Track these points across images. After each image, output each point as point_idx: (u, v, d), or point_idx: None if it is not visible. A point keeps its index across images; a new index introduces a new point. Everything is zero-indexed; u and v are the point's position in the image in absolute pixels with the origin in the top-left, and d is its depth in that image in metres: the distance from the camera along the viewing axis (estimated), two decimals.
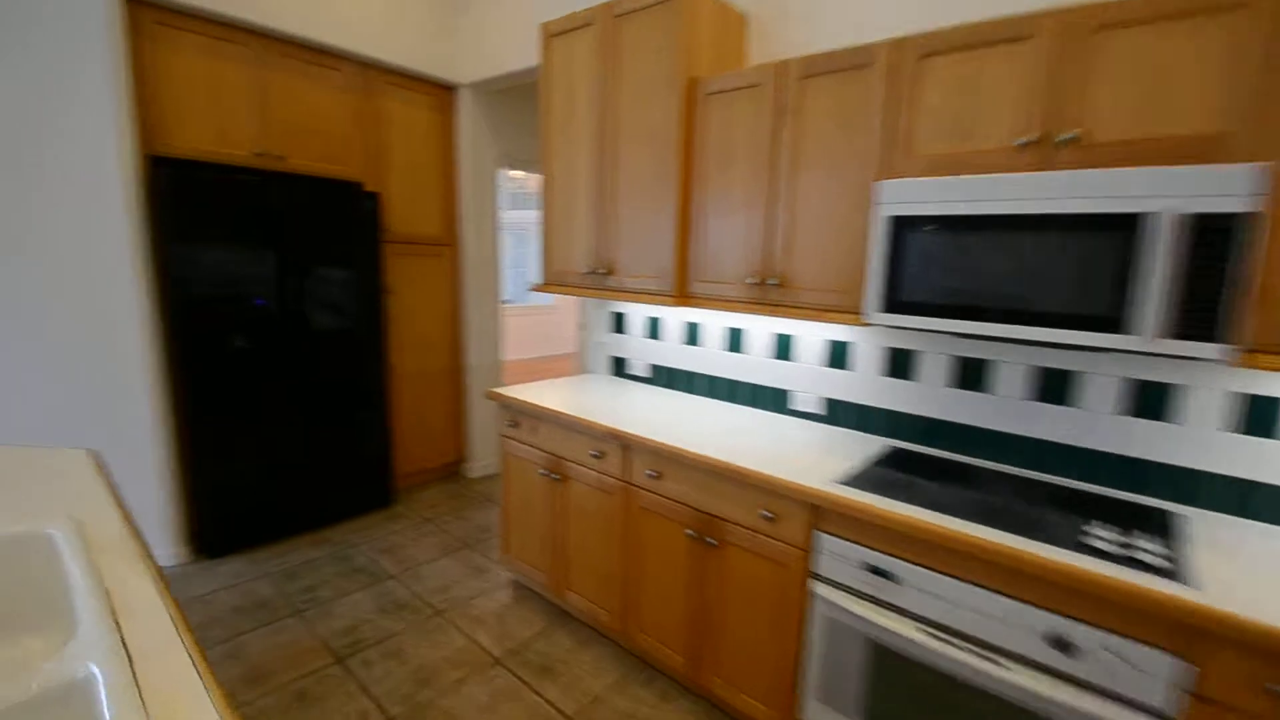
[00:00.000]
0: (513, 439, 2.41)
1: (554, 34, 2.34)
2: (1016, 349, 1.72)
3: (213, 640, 2.15)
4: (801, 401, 2.18)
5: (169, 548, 2.61)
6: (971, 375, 1.80)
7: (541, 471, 2.30)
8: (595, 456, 2.08)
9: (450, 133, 3.47)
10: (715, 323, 2.40)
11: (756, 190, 1.88)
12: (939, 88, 1.51)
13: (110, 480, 1.40)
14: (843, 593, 1.53)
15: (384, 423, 3.23)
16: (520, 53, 3.00)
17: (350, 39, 2.90)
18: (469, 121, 3.46)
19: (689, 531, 1.84)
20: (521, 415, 2.35)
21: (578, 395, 2.42)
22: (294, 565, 2.68)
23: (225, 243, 2.57)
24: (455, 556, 2.82)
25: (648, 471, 1.93)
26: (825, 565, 1.56)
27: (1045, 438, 1.69)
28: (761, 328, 2.27)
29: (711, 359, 2.43)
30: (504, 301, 8.63)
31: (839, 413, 2.10)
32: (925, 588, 1.39)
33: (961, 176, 1.44)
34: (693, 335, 2.49)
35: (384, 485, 3.28)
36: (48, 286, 2.41)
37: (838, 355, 2.08)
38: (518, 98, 3.69)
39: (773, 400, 2.26)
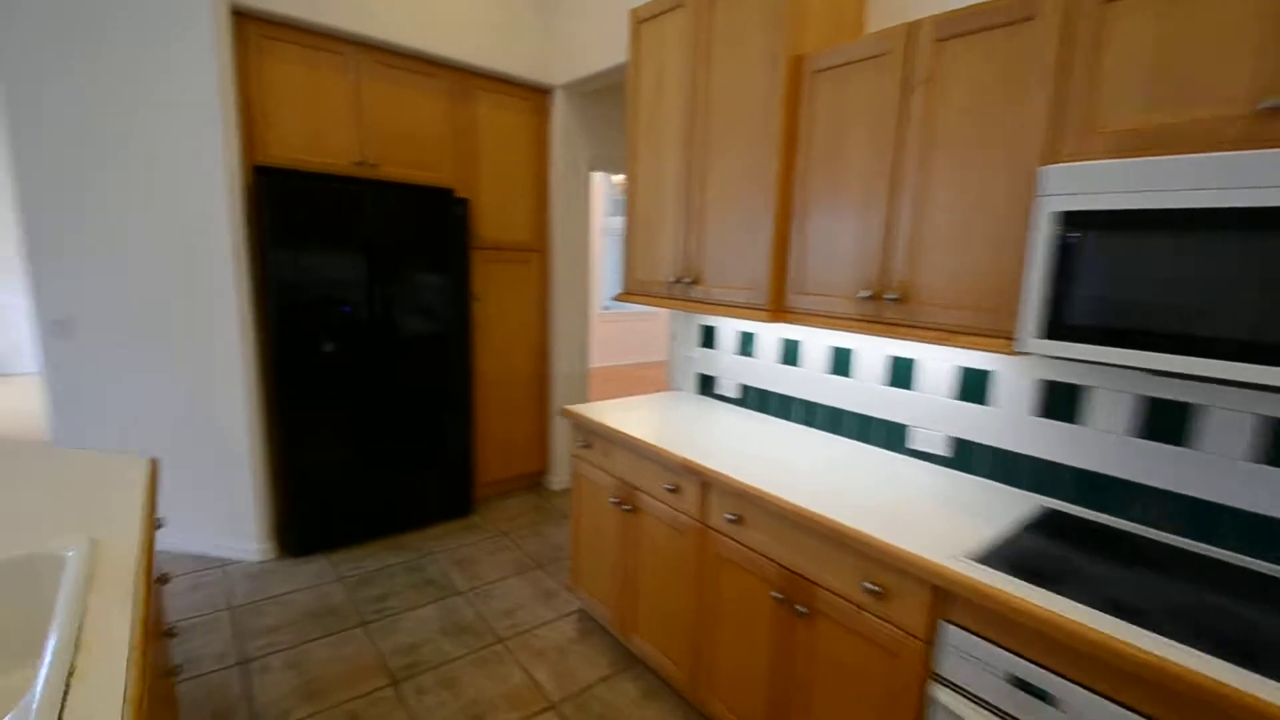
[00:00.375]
0: (584, 460, 2.22)
1: (643, 19, 2.13)
2: (1239, 393, 1.26)
3: (280, 645, 2.14)
4: (922, 440, 1.80)
5: (257, 544, 2.68)
6: (1166, 422, 1.36)
7: (612, 499, 2.08)
8: (670, 490, 1.83)
9: (543, 136, 3.38)
10: (818, 341, 2.07)
11: (874, 183, 1.55)
12: (1134, 37, 1.12)
13: (154, 494, 1.36)
14: (976, 707, 1.17)
15: (467, 430, 3.18)
16: (612, 49, 2.84)
17: (447, 45, 2.87)
18: (562, 124, 3.35)
19: (775, 594, 1.54)
20: (594, 436, 2.15)
21: (657, 416, 2.19)
22: (370, 571, 2.66)
23: (319, 249, 2.61)
24: (526, 577, 2.67)
25: (727, 515, 1.65)
26: (952, 667, 1.20)
27: None
28: (875, 349, 1.91)
29: (812, 382, 2.10)
30: (603, 308, 8.66)
31: (971, 457, 1.70)
32: None
33: (1168, 157, 1.05)
34: (791, 354, 2.17)
35: (464, 494, 3.22)
36: (157, 289, 2.55)
37: (973, 386, 1.68)
38: (611, 100, 3.54)
39: (885, 435, 1.90)
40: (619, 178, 6.41)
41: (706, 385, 2.54)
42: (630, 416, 2.16)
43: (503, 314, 3.38)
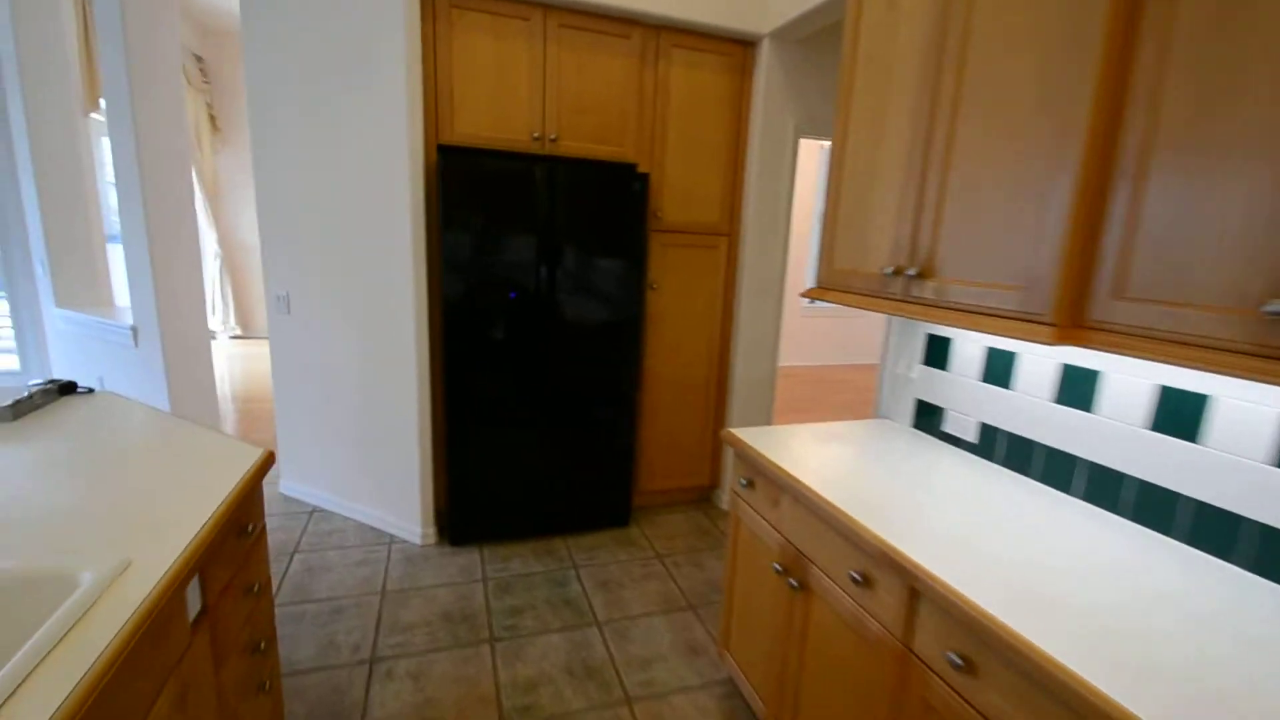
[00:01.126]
0: (745, 502, 1.72)
1: None
2: None
3: (412, 649, 2.03)
4: None
5: (421, 527, 2.68)
6: None
7: (775, 566, 1.55)
8: (857, 582, 1.25)
9: (741, 99, 2.88)
10: (1139, 377, 1.29)
11: None
12: None
13: (250, 498, 1.20)
14: None
15: (632, 433, 2.87)
16: None
17: None
18: (766, 82, 2.81)
19: None
20: (758, 474, 1.64)
21: (850, 459, 1.59)
22: (513, 575, 2.49)
23: (490, 231, 2.47)
24: (673, 618, 2.27)
25: (950, 654, 1.03)
26: None
27: None
28: (1258, 402, 1.09)
29: (1113, 439, 1.32)
30: (809, 302, 7.86)
31: None
32: None
33: None
34: (1080, 392, 1.40)
35: (623, 502, 2.93)
36: (350, 271, 2.63)
37: None
38: (827, 46, 2.89)
39: (1258, 547, 1.08)
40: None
41: (928, 417, 1.85)
42: (812, 454, 1.60)
43: (680, 306, 2.99)
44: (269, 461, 1.43)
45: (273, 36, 2.58)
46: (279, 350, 2.91)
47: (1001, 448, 1.60)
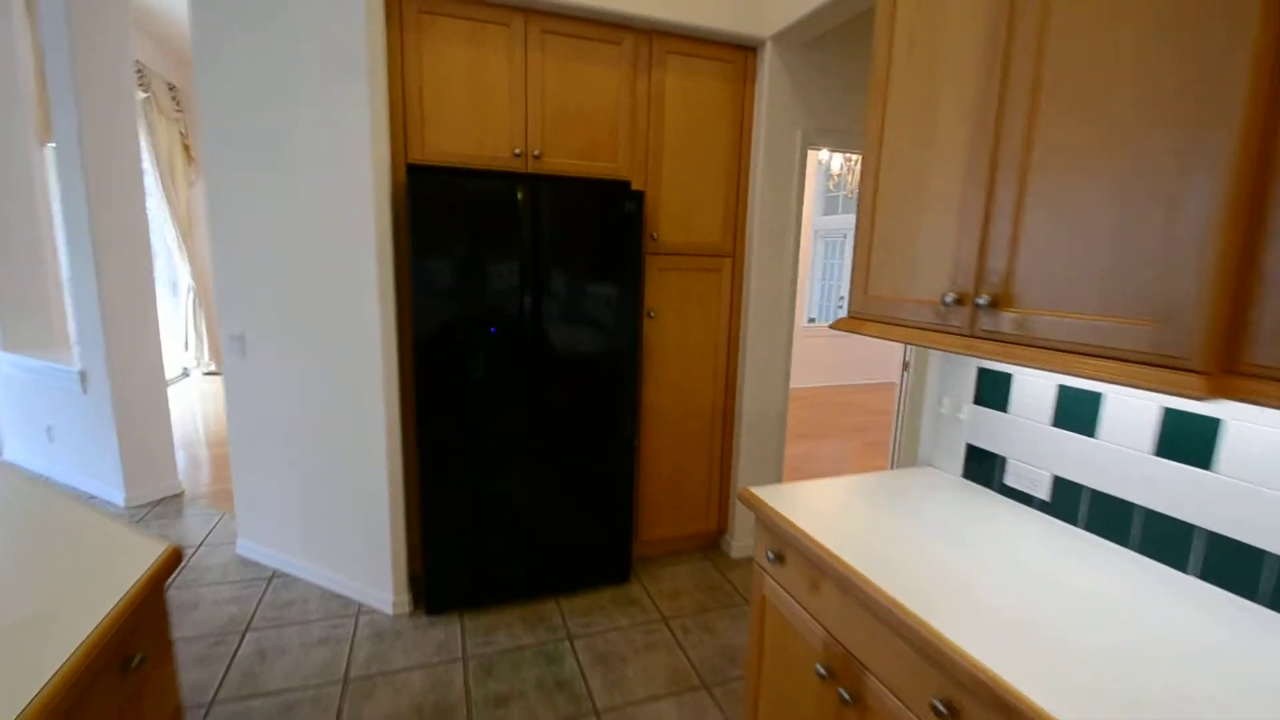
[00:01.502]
0: (773, 580, 1.42)
1: None
2: None
3: None
4: None
5: (393, 594, 2.35)
6: None
7: (819, 669, 1.24)
8: (943, 715, 0.94)
9: (743, 109, 2.63)
10: (1278, 430, 1.00)
11: None
12: None
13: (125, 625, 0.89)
14: None
15: (630, 477, 2.57)
16: None
17: (631, 1, 2.28)
18: (770, 89, 2.57)
19: None
20: (789, 547, 1.34)
21: (904, 524, 1.30)
22: (498, 651, 2.16)
23: (467, 260, 2.19)
24: (686, 702, 1.94)
25: None
26: None
27: None
28: None
29: (1242, 504, 1.03)
30: (809, 320, 7.60)
31: None
32: None
33: None
34: (1192, 445, 1.12)
35: (622, 554, 2.61)
36: (308, 307, 2.34)
37: None
38: (837, 48, 2.66)
39: None
40: (836, 162, 5.41)
41: (983, 466, 1.56)
42: (854, 520, 1.31)
43: (681, 335, 2.71)
44: (172, 562, 1.12)
45: (225, 56, 2.32)
46: (234, 395, 2.61)
47: (1085, 508, 1.31)
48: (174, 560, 1.15)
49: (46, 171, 3.85)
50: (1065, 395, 1.35)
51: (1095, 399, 1.29)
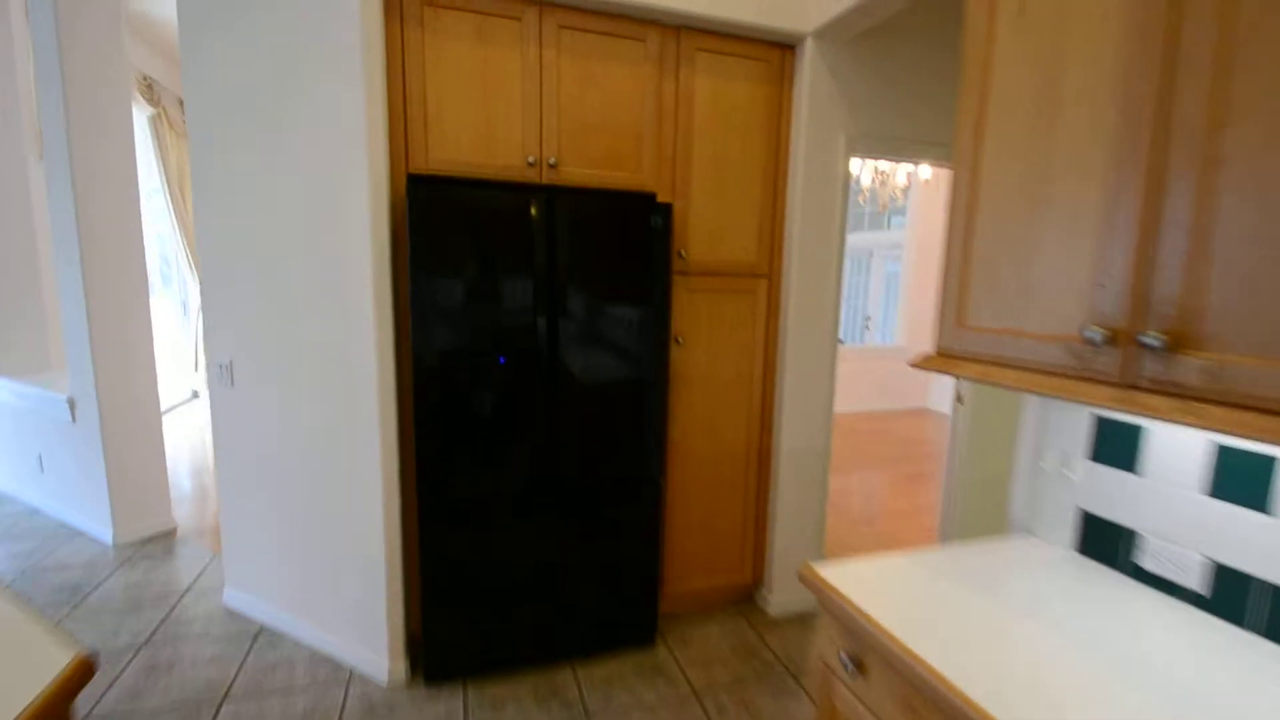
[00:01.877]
0: (849, 690, 1.11)
1: None
2: None
3: None
4: None
5: (388, 660, 2.07)
6: None
7: None
8: None
9: (780, 112, 2.37)
10: None
11: None
12: None
13: None
14: None
15: (655, 524, 2.27)
16: None
17: None
18: (810, 90, 2.31)
19: None
20: (870, 651, 1.04)
21: (1022, 621, 0.99)
22: None
23: (478, 281, 1.94)
24: None
25: None
26: None
27: None
28: None
29: None
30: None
31: None
32: None
33: None
34: None
35: (647, 613, 2.31)
36: (298, 335, 2.11)
37: None
38: (880, 46, 2.40)
39: None
40: (867, 175, 5.12)
41: (1105, 540, 1.24)
42: (961, 616, 1.00)
43: (712, 364, 2.43)
44: (80, 676, 0.86)
45: (211, 56, 2.12)
46: (222, 429, 2.38)
47: (1260, 607, 1.00)
48: (82, 674, 0.89)
49: (43, 186, 3.73)
50: (1227, 458, 1.04)
51: (1266, 464, 0.98)
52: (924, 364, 1.19)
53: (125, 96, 2.96)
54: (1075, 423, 1.31)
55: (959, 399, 2.89)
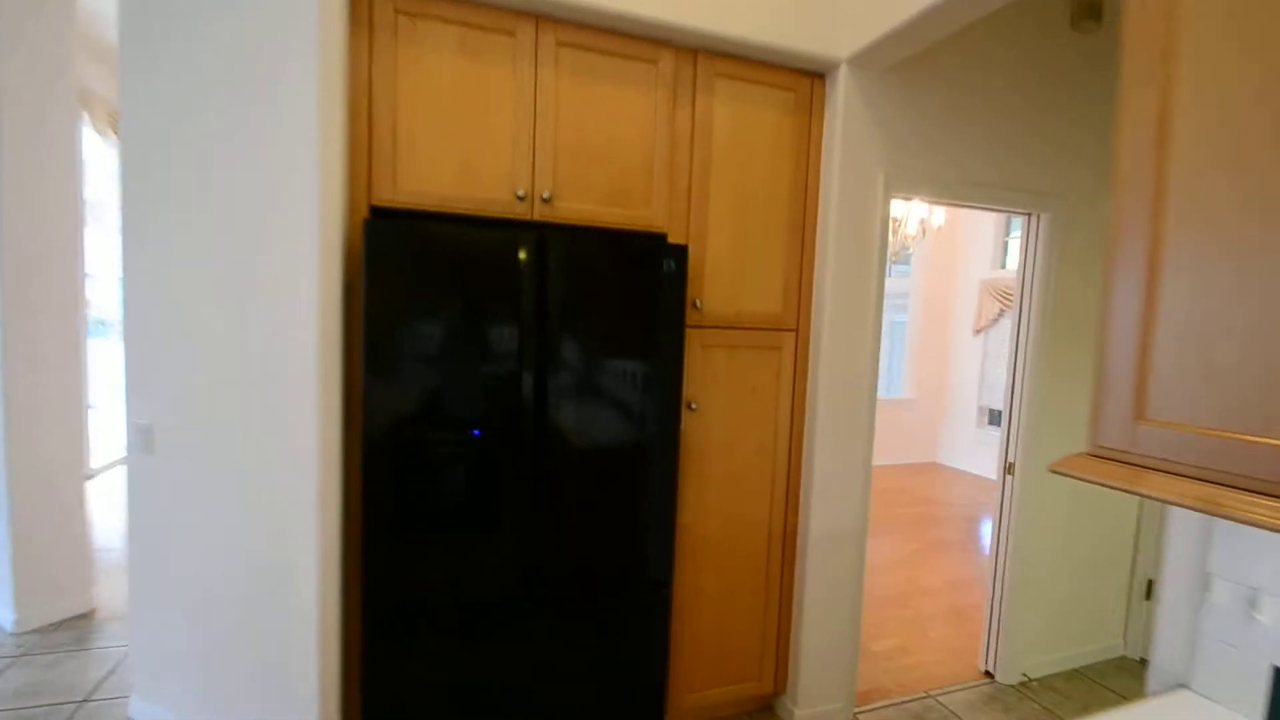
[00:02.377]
0: None
1: None
2: None
3: None
4: None
5: None
6: None
7: None
8: None
9: (808, 146, 2.09)
10: None
11: None
12: None
13: None
14: None
15: (662, 633, 1.86)
16: None
17: (671, 8, 1.77)
18: (843, 122, 2.03)
19: None
20: None
21: None
22: None
23: (450, 336, 1.59)
24: None
25: None
26: None
27: None
28: None
29: None
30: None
31: None
32: None
33: None
34: None
35: None
36: (229, 401, 1.73)
37: None
38: (923, 76, 2.14)
39: None
40: (914, 222, 4.85)
41: None
42: None
43: (730, 433, 2.06)
44: None
45: (152, 79, 1.81)
46: (137, 502, 1.95)
47: None
48: None
49: None
50: None
51: None
52: (1083, 470, 0.82)
53: (70, 124, 2.65)
54: (1261, 545, 0.94)
55: (1009, 469, 2.53)
